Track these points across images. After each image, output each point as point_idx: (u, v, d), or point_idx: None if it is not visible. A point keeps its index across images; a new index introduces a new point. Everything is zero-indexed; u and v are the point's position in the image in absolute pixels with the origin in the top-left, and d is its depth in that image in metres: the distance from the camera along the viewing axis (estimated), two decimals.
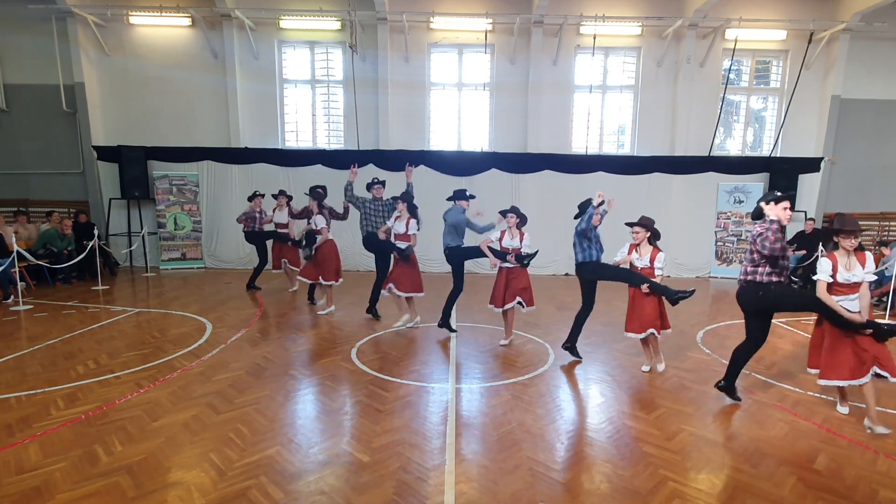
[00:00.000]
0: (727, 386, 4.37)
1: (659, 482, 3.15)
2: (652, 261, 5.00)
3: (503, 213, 5.78)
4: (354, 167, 6.94)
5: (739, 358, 4.30)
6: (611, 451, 3.55)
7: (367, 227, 6.73)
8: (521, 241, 5.69)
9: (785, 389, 4.71)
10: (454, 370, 5.11)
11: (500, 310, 5.82)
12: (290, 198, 8.73)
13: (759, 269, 4.03)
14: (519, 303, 5.75)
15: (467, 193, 6.21)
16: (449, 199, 6.22)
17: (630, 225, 5.07)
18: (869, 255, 3.88)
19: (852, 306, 3.83)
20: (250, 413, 4.04)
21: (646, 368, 5.15)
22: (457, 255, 6.15)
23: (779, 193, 4.00)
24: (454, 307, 6.52)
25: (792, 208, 4.06)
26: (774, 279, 3.99)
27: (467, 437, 3.71)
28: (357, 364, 5.22)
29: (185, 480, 3.09)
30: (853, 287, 3.83)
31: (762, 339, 4.20)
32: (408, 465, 3.31)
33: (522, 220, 5.79)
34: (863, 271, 3.84)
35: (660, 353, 5.18)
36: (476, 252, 5.95)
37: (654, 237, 5.06)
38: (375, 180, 6.85)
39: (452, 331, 6.41)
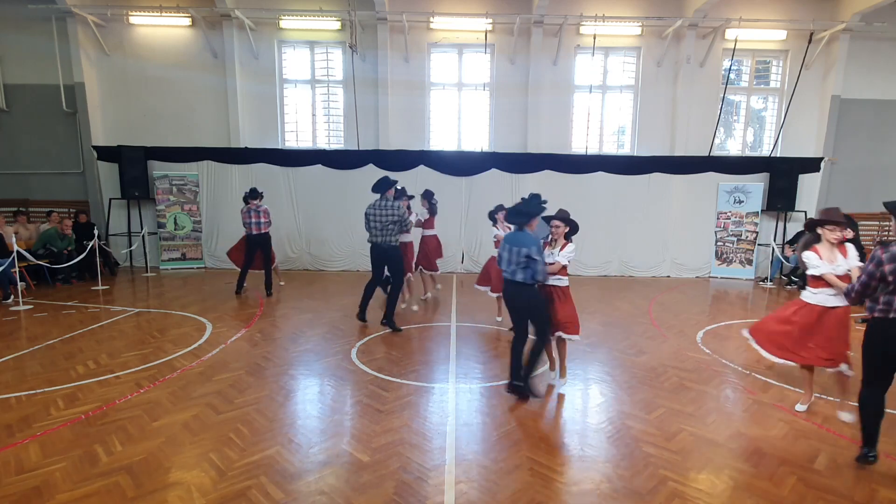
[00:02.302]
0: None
1: (659, 482, 3.15)
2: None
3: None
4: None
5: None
6: (611, 451, 3.55)
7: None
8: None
9: (785, 389, 4.71)
10: (454, 370, 5.11)
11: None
12: (410, 197, 7.80)
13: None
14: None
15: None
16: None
17: (548, 220, 4.57)
18: (850, 247, 3.90)
19: (832, 301, 3.91)
20: (250, 413, 4.04)
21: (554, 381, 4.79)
22: None
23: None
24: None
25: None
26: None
27: (467, 437, 3.71)
28: (357, 364, 5.22)
29: (185, 480, 3.09)
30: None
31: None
32: (408, 465, 3.31)
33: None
34: (846, 261, 3.85)
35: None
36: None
37: (571, 231, 4.60)
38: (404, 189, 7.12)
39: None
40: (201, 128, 11.26)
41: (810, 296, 4.03)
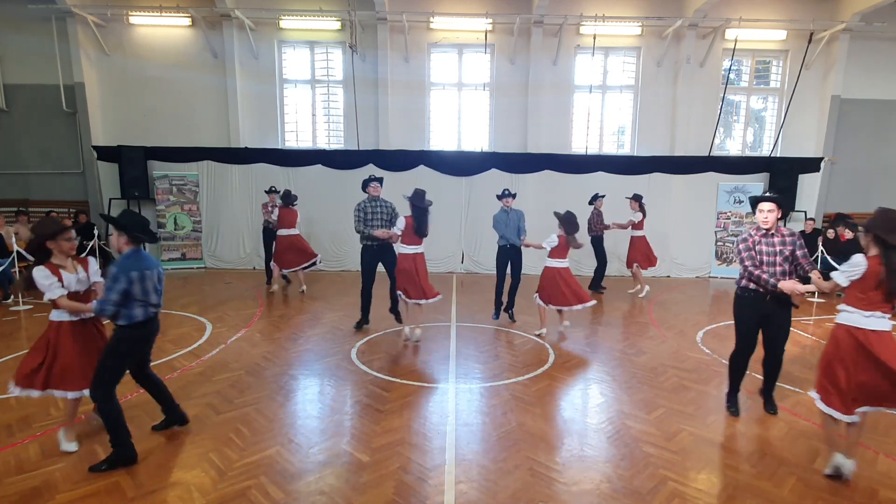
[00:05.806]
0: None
1: (659, 482, 3.15)
2: None
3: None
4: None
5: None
6: (611, 451, 3.55)
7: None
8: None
9: (785, 389, 4.71)
10: (454, 370, 5.11)
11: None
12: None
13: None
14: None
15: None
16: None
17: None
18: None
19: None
20: (250, 413, 4.04)
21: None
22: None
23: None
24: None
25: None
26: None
27: (467, 437, 3.71)
28: (357, 364, 5.22)
29: (185, 480, 3.09)
30: None
31: (745, 347, 4.12)
32: (408, 465, 3.32)
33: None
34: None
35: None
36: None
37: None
38: (372, 177, 6.40)
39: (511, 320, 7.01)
40: (201, 128, 11.26)
41: None
